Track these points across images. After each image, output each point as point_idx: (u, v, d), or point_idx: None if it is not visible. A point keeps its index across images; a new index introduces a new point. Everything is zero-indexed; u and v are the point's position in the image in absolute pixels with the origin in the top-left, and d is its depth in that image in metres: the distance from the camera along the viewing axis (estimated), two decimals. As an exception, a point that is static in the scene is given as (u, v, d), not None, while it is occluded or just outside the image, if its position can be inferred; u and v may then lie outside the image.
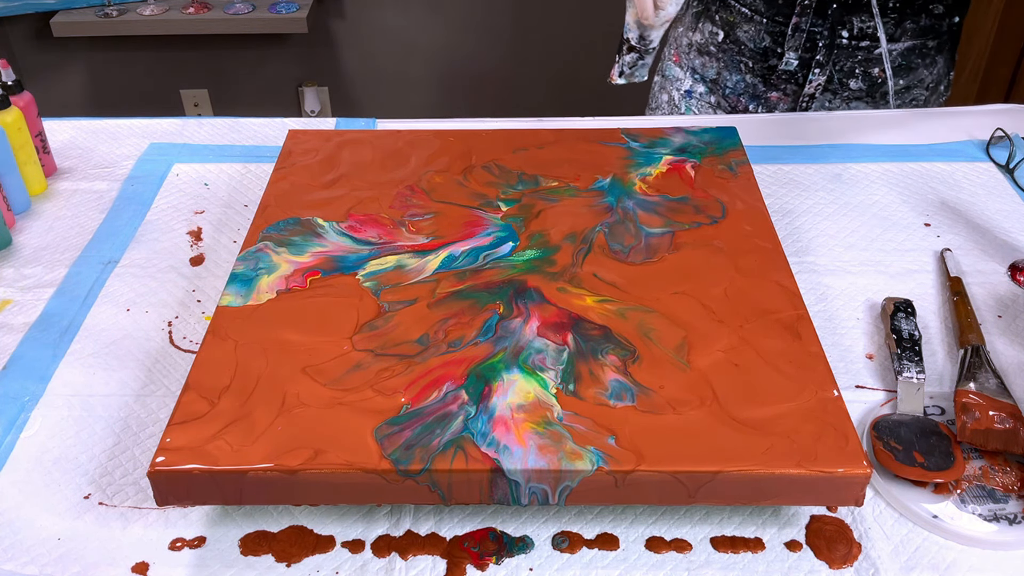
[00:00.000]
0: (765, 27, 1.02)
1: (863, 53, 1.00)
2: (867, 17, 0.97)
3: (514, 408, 0.57)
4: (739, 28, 1.04)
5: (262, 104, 2.43)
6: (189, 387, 0.58)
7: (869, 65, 1.01)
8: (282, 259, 0.70)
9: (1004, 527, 0.57)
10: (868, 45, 1.00)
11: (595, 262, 0.69)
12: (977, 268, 0.79)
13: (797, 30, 0.99)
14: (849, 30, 0.99)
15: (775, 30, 1.01)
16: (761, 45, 1.03)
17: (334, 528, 0.58)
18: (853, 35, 0.99)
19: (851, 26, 0.98)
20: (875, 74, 1.01)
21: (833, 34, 0.98)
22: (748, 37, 1.03)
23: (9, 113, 0.84)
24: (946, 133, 0.98)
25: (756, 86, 1.06)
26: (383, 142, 0.85)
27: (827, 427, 0.55)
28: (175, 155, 0.96)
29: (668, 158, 0.82)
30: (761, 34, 1.02)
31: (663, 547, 0.57)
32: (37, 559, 0.56)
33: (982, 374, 0.65)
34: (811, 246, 0.82)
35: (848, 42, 1.00)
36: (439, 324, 0.64)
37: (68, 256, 0.82)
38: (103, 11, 2.16)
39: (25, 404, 0.67)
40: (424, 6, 2.27)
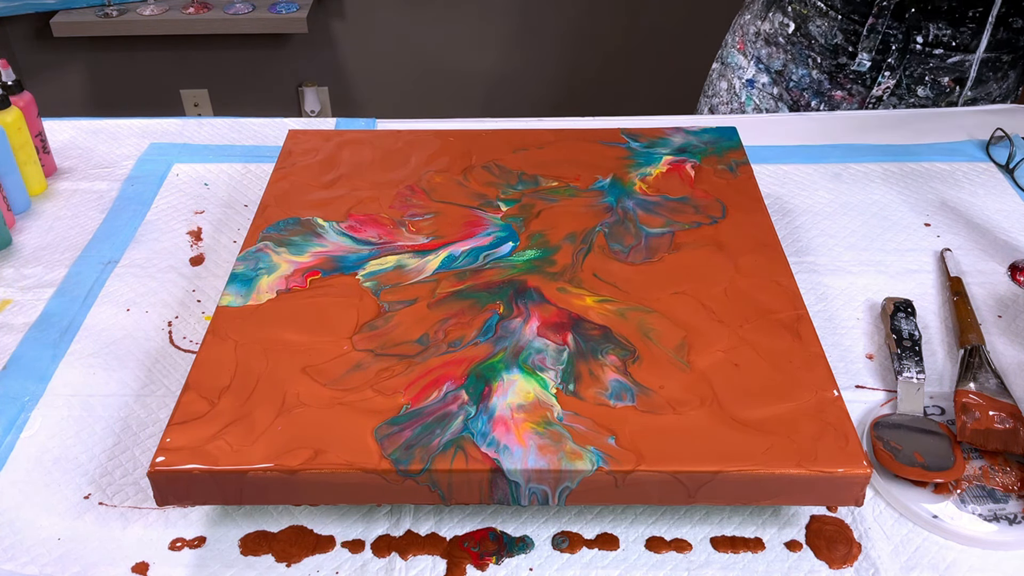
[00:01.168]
0: (839, 24, 1.00)
1: (935, 61, 0.99)
2: (944, 24, 0.96)
3: (514, 408, 0.57)
4: (811, 22, 1.02)
5: (262, 104, 2.44)
6: (189, 387, 0.58)
7: (940, 73, 1.00)
8: (282, 259, 0.70)
9: (1004, 527, 0.57)
10: (941, 53, 0.99)
11: (595, 262, 0.69)
12: (977, 268, 0.79)
13: (873, 31, 0.98)
14: (924, 36, 0.97)
15: (849, 28, 1.00)
16: (832, 41, 1.01)
17: (334, 528, 0.58)
18: (928, 41, 0.98)
19: (927, 32, 0.97)
20: (944, 83, 1.00)
21: (908, 38, 0.97)
22: (820, 32, 1.02)
23: (9, 113, 0.84)
24: (946, 133, 0.98)
25: (822, 82, 1.05)
26: (383, 142, 0.86)
27: (827, 427, 0.55)
28: (175, 155, 0.96)
29: (668, 158, 0.82)
30: (834, 30, 1.01)
31: (663, 547, 0.57)
32: (37, 559, 0.56)
33: (982, 374, 0.65)
34: (811, 246, 0.82)
35: (922, 48, 0.98)
36: (439, 324, 0.64)
37: (68, 256, 0.82)
38: (103, 11, 2.16)
39: (25, 404, 0.67)
40: (424, 6, 2.27)
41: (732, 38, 1.14)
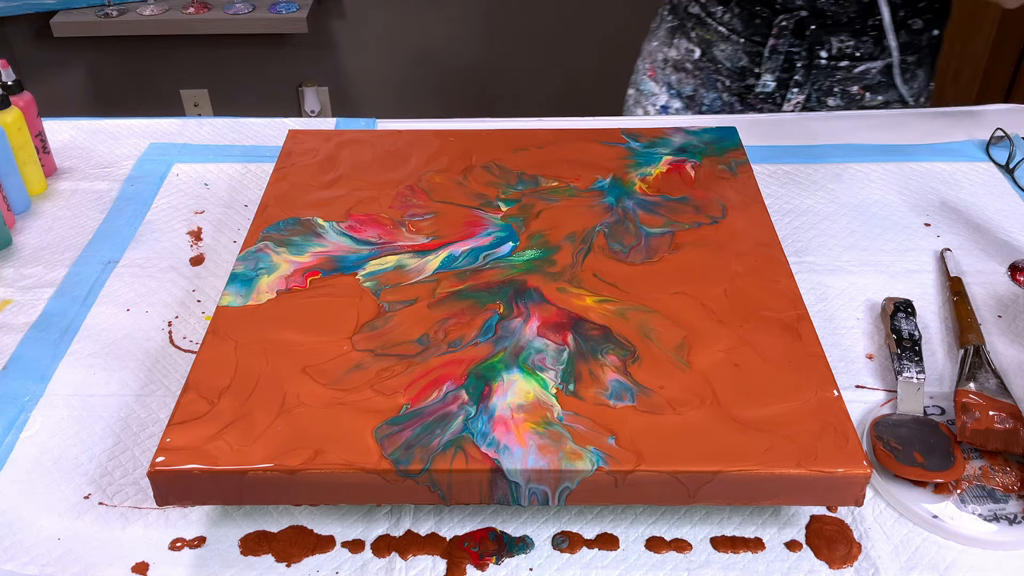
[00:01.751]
0: (742, 47, 1.01)
1: (842, 72, 0.99)
2: (846, 36, 0.96)
3: (514, 408, 0.57)
4: (715, 47, 1.02)
5: (262, 104, 2.44)
6: (189, 387, 0.58)
7: (847, 84, 1.00)
8: (282, 259, 0.70)
9: (1004, 527, 0.57)
10: (847, 65, 0.99)
11: (595, 262, 0.69)
12: (977, 268, 0.79)
13: (774, 52, 0.97)
14: (828, 50, 0.97)
15: (752, 50, 1.00)
16: (738, 65, 1.01)
17: (334, 528, 0.58)
18: (832, 55, 0.98)
19: (829, 46, 0.97)
20: (854, 91, 1.00)
21: (812, 55, 0.97)
22: (725, 56, 1.02)
23: (9, 113, 0.84)
24: (946, 133, 0.98)
25: (733, 105, 1.06)
26: (383, 142, 0.86)
27: (827, 427, 0.55)
28: (175, 155, 0.96)
29: (668, 158, 0.82)
30: (739, 53, 1.01)
31: (663, 547, 0.57)
32: (37, 559, 0.56)
33: (982, 374, 0.65)
34: (811, 246, 0.82)
35: (827, 62, 0.98)
36: (439, 324, 0.64)
37: (68, 256, 0.82)
38: (103, 11, 2.16)
39: (25, 404, 0.67)
40: (424, 6, 2.27)
41: (642, 64, 1.14)
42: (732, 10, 0.98)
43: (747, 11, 0.98)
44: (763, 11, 0.97)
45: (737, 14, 0.99)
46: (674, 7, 1.08)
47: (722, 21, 1.01)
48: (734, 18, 0.99)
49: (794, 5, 0.95)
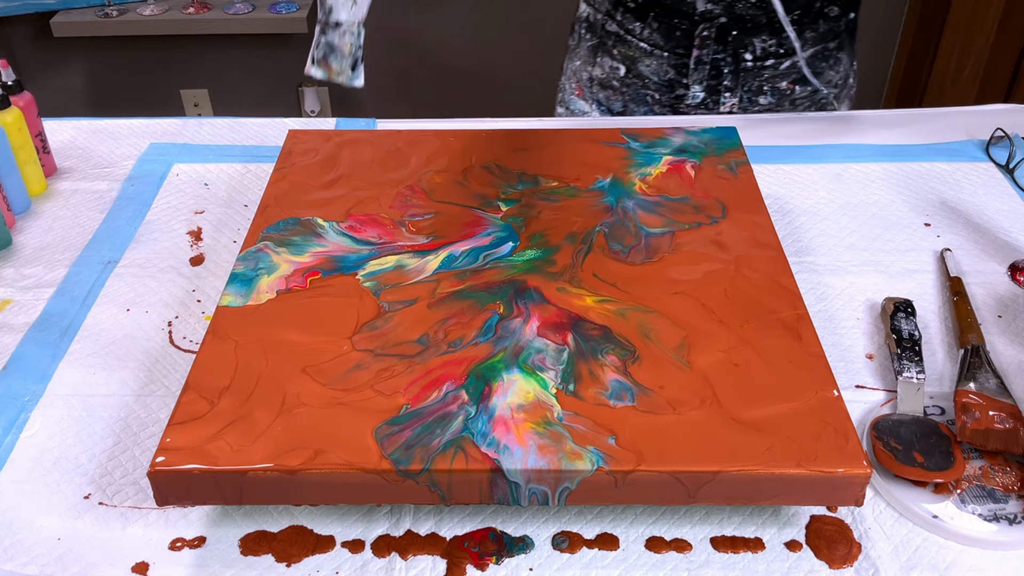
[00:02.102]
0: (667, 60, 1.00)
1: (769, 71, 0.99)
2: (767, 35, 0.96)
3: (514, 408, 0.57)
4: (640, 62, 1.01)
5: (262, 104, 2.43)
6: (189, 387, 0.58)
7: (776, 81, 1.00)
8: (282, 259, 0.70)
9: (1004, 527, 0.57)
10: (773, 63, 0.99)
11: (595, 262, 0.69)
12: (977, 268, 0.79)
13: (700, 63, 0.97)
14: (752, 52, 0.97)
15: (678, 62, 0.99)
16: (665, 78, 1.01)
17: (334, 528, 0.58)
18: (757, 56, 0.97)
19: (753, 48, 0.97)
20: (783, 87, 1.00)
21: (737, 59, 0.97)
22: (651, 71, 1.01)
23: (9, 113, 0.84)
24: (946, 133, 0.98)
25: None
26: (383, 142, 0.85)
27: (827, 427, 0.55)
28: (175, 155, 0.96)
29: (668, 158, 0.82)
30: (664, 67, 1.00)
31: (663, 547, 0.57)
32: (37, 559, 0.56)
33: (982, 374, 0.65)
34: (811, 246, 0.82)
35: (753, 64, 0.98)
36: (439, 324, 0.64)
37: (68, 256, 0.82)
38: (103, 11, 2.16)
39: (25, 404, 0.67)
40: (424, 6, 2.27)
41: (568, 84, 1.12)
42: (651, 25, 0.97)
43: (666, 25, 0.97)
44: (682, 23, 0.96)
45: (656, 29, 0.98)
46: (591, 25, 1.06)
47: (642, 37, 1.00)
48: (654, 33, 0.98)
49: (712, 14, 0.94)
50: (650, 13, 0.97)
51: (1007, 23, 1.95)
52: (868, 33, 2.18)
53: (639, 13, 0.98)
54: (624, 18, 1.00)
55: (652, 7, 0.97)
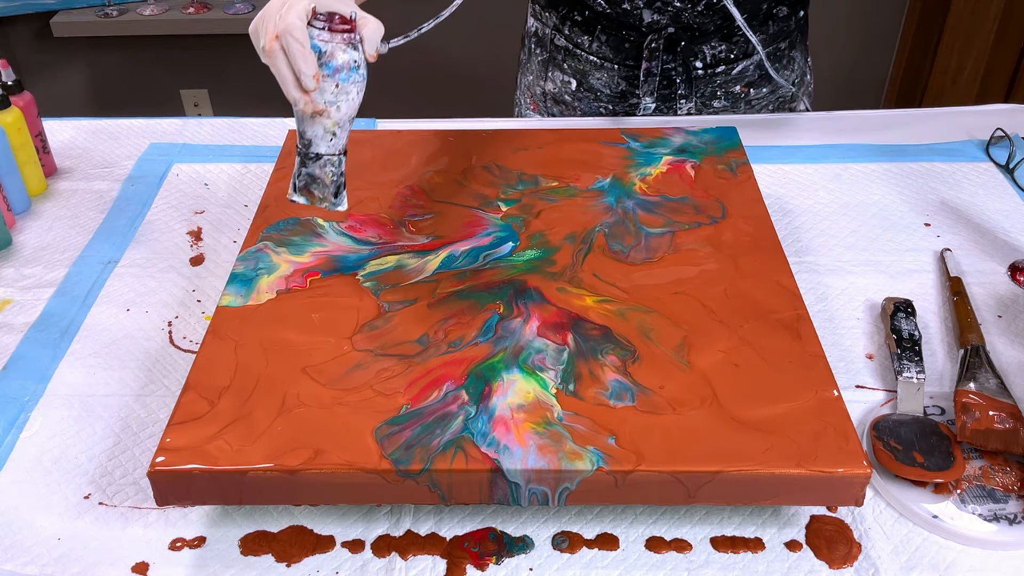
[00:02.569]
0: (618, 72, 0.99)
1: (721, 77, 0.98)
2: (717, 41, 0.95)
3: (514, 408, 0.57)
4: (591, 76, 1.00)
5: (262, 104, 2.43)
6: (189, 387, 0.58)
7: (729, 85, 0.99)
8: (282, 259, 0.70)
9: (1004, 527, 0.57)
10: (724, 69, 0.98)
11: (595, 262, 0.69)
12: (977, 268, 0.79)
13: (649, 74, 0.96)
14: (702, 60, 0.96)
15: (629, 74, 0.99)
16: (617, 90, 1.00)
17: (334, 528, 0.58)
18: (707, 63, 0.97)
19: (703, 56, 0.96)
20: (737, 91, 1.00)
21: (688, 68, 0.96)
22: (602, 83, 1.00)
23: (9, 113, 0.84)
24: (946, 133, 0.98)
25: None
26: (383, 142, 0.85)
27: (827, 427, 0.55)
28: (175, 155, 0.96)
29: (668, 158, 0.82)
30: (615, 79, 0.99)
31: (663, 547, 0.57)
32: (37, 559, 0.56)
33: (982, 374, 0.65)
34: (811, 246, 0.82)
35: (704, 72, 0.98)
36: (439, 324, 0.64)
37: (68, 256, 0.82)
38: (103, 11, 2.16)
39: (25, 404, 0.67)
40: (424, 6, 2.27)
41: (523, 99, 1.12)
42: (599, 39, 0.97)
43: (614, 37, 0.97)
44: (630, 35, 0.96)
45: (605, 42, 0.97)
46: (540, 40, 1.05)
47: (591, 50, 0.99)
48: (603, 46, 0.97)
49: (660, 24, 0.94)
50: (597, 26, 0.96)
51: (1007, 23, 1.95)
52: (868, 33, 2.18)
53: (587, 27, 0.98)
54: (572, 32, 0.99)
55: (599, 20, 0.96)
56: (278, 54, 0.61)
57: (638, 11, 0.92)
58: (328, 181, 0.65)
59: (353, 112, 0.64)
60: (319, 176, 0.65)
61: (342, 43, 0.61)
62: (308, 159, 0.64)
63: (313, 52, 0.60)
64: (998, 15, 1.96)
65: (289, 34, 0.59)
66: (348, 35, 0.62)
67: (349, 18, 0.62)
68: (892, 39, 2.21)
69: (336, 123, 0.63)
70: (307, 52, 0.60)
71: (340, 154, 0.65)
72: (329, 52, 0.61)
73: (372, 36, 0.63)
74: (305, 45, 0.60)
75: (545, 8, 1.01)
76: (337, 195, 0.66)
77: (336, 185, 0.65)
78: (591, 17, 0.96)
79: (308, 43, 0.60)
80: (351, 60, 0.62)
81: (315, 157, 0.64)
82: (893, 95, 2.25)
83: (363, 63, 0.63)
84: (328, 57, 0.61)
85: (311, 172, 0.65)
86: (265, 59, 0.62)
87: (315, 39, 0.61)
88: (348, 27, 0.62)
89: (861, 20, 2.15)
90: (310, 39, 0.60)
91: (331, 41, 0.61)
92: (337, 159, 0.65)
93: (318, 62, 0.61)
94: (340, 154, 0.65)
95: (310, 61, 0.60)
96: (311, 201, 0.66)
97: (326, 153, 0.64)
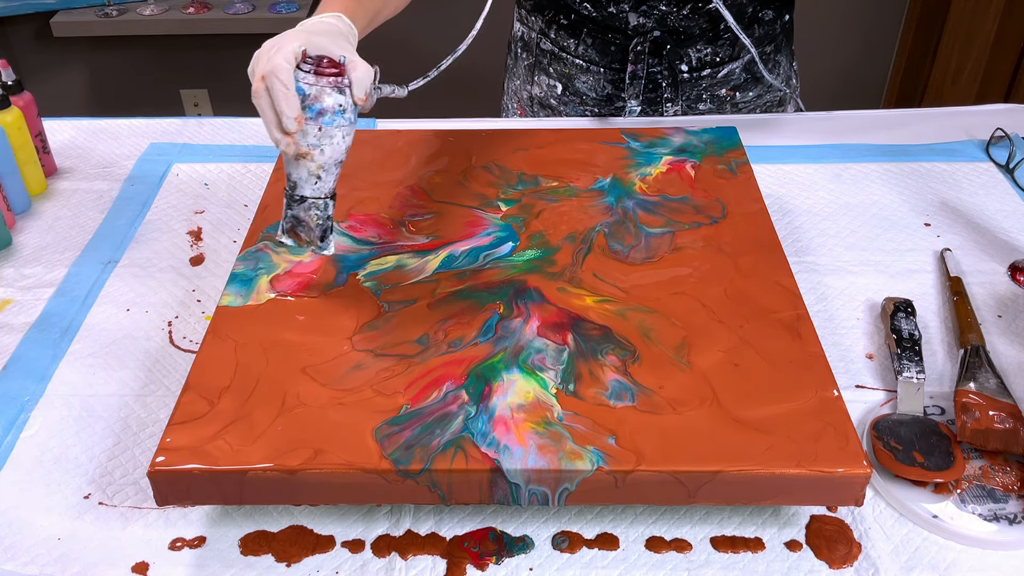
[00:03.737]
0: (604, 76, 0.99)
1: (707, 80, 0.98)
2: (703, 45, 0.95)
3: (514, 408, 0.57)
4: (577, 79, 1.00)
5: (261, 104, 2.43)
6: (189, 387, 0.58)
7: (715, 88, 0.99)
8: (282, 259, 0.70)
9: (1004, 527, 0.57)
10: (710, 73, 0.98)
11: (595, 262, 0.69)
12: (977, 268, 0.79)
13: (635, 78, 0.95)
14: (688, 63, 0.96)
15: (615, 78, 0.98)
16: (603, 93, 1.00)
17: (334, 528, 0.58)
18: (693, 67, 0.97)
19: (689, 59, 0.96)
20: (723, 94, 0.99)
21: (673, 71, 0.96)
22: (588, 87, 1.00)
23: (9, 113, 0.84)
24: (946, 133, 0.98)
25: None
26: (383, 142, 0.85)
27: (827, 427, 0.55)
28: (175, 155, 0.96)
29: (668, 158, 0.82)
30: (601, 82, 0.99)
31: (663, 547, 0.57)
32: (37, 559, 0.56)
33: (982, 374, 0.65)
34: (811, 246, 0.82)
35: (689, 75, 0.97)
36: (439, 324, 0.63)
37: (68, 256, 0.82)
38: (103, 11, 2.16)
39: (25, 404, 0.67)
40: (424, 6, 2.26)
41: (510, 103, 1.11)
42: (585, 42, 0.96)
43: (600, 40, 0.96)
44: (616, 38, 0.95)
45: (591, 45, 0.97)
46: (526, 44, 1.05)
47: (577, 54, 0.98)
48: (589, 49, 0.97)
49: (645, 28, 0.93)
50: (583, 29, 0.96)
51: (1007, 23, 1.95)
52: (868, 33, 2.18)
53: (572, 30, 0.97)
54: (558, 35, 0.99)
55: (585, 23, 0.96)
56: (263, 95, 0.61)
57: (624, 15, 0.92)
58: (313, 224, 0.64)
59: (339, 156, 0.63)
60: (304, 219, 0.64)
61: (328, 87, 0.61)
62: (293, 201, 0.64)
63: (297, 95, 0.60)
64: (998, 15, 1.96)
65: (274, 75, 0.59)
66: (335, 79, 0.61)
67: (338, 62, 0.61)
68: (892, 39, 2.21)
69: (320, 166, 0.62)
70: (290, 94, 0.60)
71: (326, 198, 0.64)
72: (313, 95, 0.60)
73: (361, 80, 0.62)
74: (289, 87, 0.60)
75: (531, 12, 1.01)
76: (323, 239, 0.65)
77: (322, 229, 0.64)
78: (577, 21, 0.96)
79: (292, 85, 0.60)
80: (336, 104, 0.61)
81: (300, 200, 0.64)
82: (893, 95, 2.25)
83: (350, 107, 0.62)
84: (312, 100, 0.60)
85: (296, 215, 0.64)
86: (253, 99, 0.62)
87: (300, 81, 0.60)
88: (336, 71, 0.61)
89: (861, 20, 2.15)
90: (296, 81, 0.60)
91: (316, 84, 0.60)
92: (323, 203, 0.64)
93: (302, 104, 0.60)
94: (326, 198, 0.64)
95: (292, 103, 0.60)
96: (298, 243, 0.65)
97: (311, 196, 0.63)
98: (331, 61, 0.61)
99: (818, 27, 2.12)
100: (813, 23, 1.05)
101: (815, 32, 2.09)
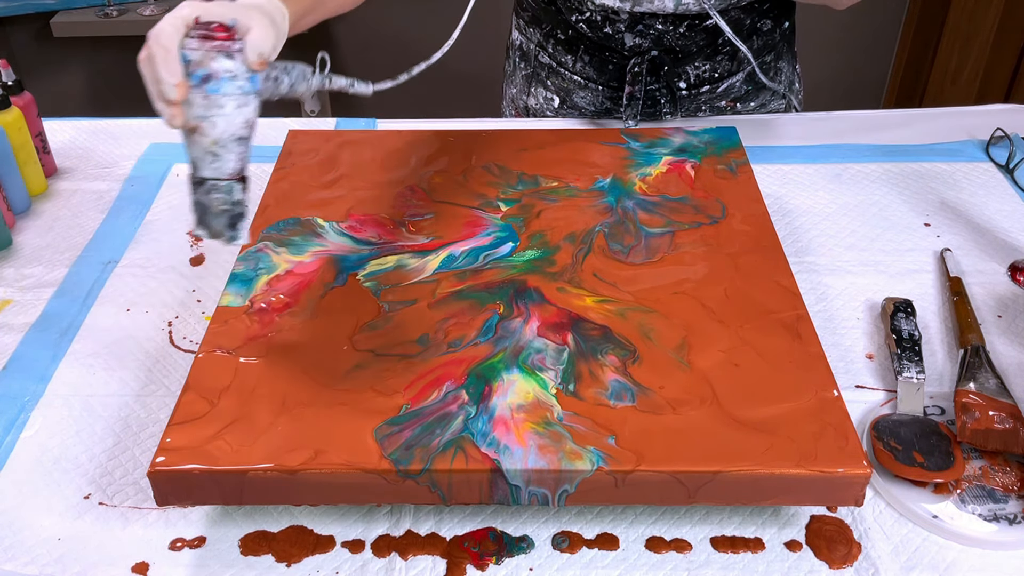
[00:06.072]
0: (602, 93, 0.98)
1: (706, 96, 0.98)
2: (701, 62, 0.94)
3: (514, 408, 0.57)
4: (575, 94, 0.99)
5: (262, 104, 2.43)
6: (189, 387, 0.58)
7: (714, 101, 0.99)
8: (282, 259, 0.70)
9: (1004, 527, 0.57)
10: (709, 89, 0.97)
11: (595, 262, 0.69)
12: (977, 268, 0.79)
13: (632, 98, 0.94)
14: (686, 80, 0.96)
15: (613, 95, 0.98)
16: (602, 108, 0.99)
17: (334, 528, 0.58)
18: (691, 84, 0.96)
19: (687, 76, 0.95)
20: (723, 105, 0.99)
21: (671, 89, 0.95)
22: (586, 102, 0.99)
23: (9, 113, 0.84)
24: (946, 133, 0.98)
25: None
26: (383, 142, 0.85)
27: (827, 427, 0.55)
28: (175, 155, 0.96)
29: (668, 158, 0.82)
30: (600, 99, 0.98)
31: (663, 547, 0.57)
32: (37, 559, 0.56)
33: (982, 374, 0.65)
34: (811, 246, 0.82)
35: (688, 92, 0.97)
36: (439, 324, 0.63)
37: (68, 256, 0.82)
38: (103, 11, 2.16)
39: (25, 404, 0.67)
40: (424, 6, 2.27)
41: (508, 111, 1.11)
42: (582, 59, 0.95)
43: (598, 58, 0.95)
44: (613, 57, 0.95)
45: (588, 62, 0.96)
46: (524, 54, 1.04)
47: (575, 70, 0.97)
48: (586, 67, 0.96)
49: (642, 48, 0.92)
50: (580, 46, 0.95)
51: (1007, 23, 1.95)
52: (868, 33, 2.18)
53: (569, 46, 0.96)
54: (556, 51, 0.98)
55: (582, 40, 0.95)
56: (145, 62, 0.56)
57: (620, 35, 0.91)
58: (216, 210, 0.57)
59: (237, 131, 0.57)
60: (207, 204, 0.57)
61: (213, 50, 0.55)
62: (194, 184, 0.58)
63: (181, 61, 0.55)
64: (998, 15, 1.96)
65: (156, 39, 0.55)
66: (223, 43, 0.55)
67: (228, 26, 0.56)
68: (892, 39, 2.21)
69: (214, 142, 0.56)
70: (170, 58, 0.54)
71: (230, 180, 0.57)
72: (197, 60, 0.55)
73: (255, 42, 0.56)
74: (170, 51, 0.54)
75: (529, 24, 1.01)
76: (234, 227, 0.58)
77: (230, 216, 0.57)
78: (574, 37, 0.95)
79: (175, 49, 0.54)
80: (223, 69, 0.55)
81: (200, 182, 0.57)
82: (893, 95, 2.25)
83: (243, 74, 0.56)
84: (196, 65, 0.55)
85: (198, 199, 0.58)
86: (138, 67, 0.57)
87: (184, 48, 0.55)
88: (225, 34, 0.55)
89: (861, 21, 2.15)
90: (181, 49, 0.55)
91: (199, 49, 0.55)
92: (226, 185, 0.57)
93: (187, 72, 0.55)
94: (230, 180, 0.57)
95: (173, 69, 0.54)
96: (209, 235, 0.59)
97: (211, 177, 0.57)
98: (221, 26, 0.56)
99: (818, 28, 2.12)
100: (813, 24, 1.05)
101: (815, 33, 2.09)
